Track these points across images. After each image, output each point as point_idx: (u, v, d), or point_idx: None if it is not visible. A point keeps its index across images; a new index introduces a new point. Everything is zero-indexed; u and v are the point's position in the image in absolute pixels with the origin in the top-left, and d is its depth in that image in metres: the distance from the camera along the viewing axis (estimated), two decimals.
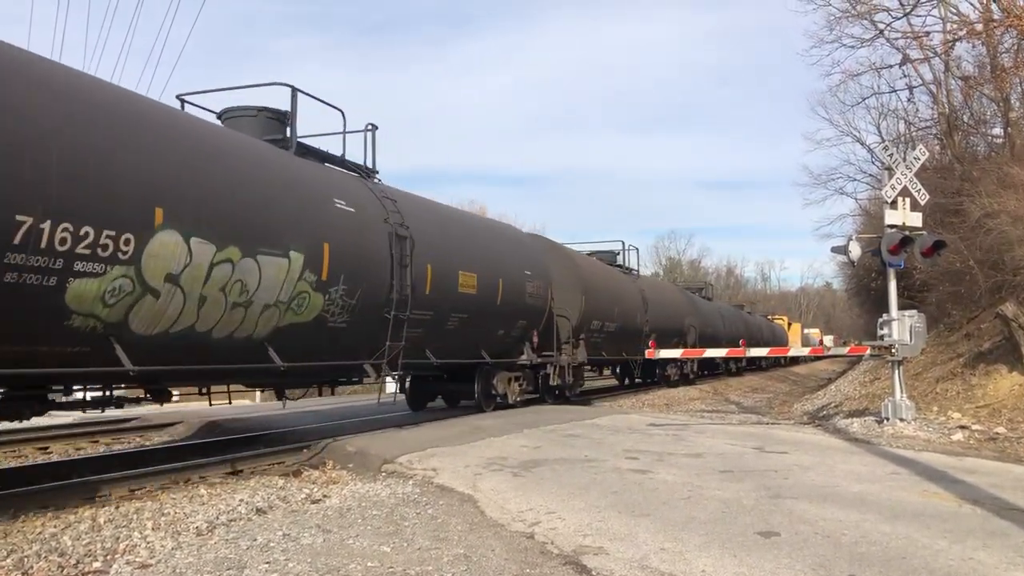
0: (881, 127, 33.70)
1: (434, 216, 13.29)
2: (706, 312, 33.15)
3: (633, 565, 5.07)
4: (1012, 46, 20.47)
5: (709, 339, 30.40)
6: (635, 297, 23.42)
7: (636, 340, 22.71)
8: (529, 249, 16.86)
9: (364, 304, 10.47)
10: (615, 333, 21.24)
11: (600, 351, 20.58)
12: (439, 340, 12.76)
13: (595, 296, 19.61)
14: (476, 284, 13.49)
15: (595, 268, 21.73)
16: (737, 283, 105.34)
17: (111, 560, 5.37)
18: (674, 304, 28.23)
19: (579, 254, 23.87)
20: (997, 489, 7.34)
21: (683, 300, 30.04)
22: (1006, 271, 15.05)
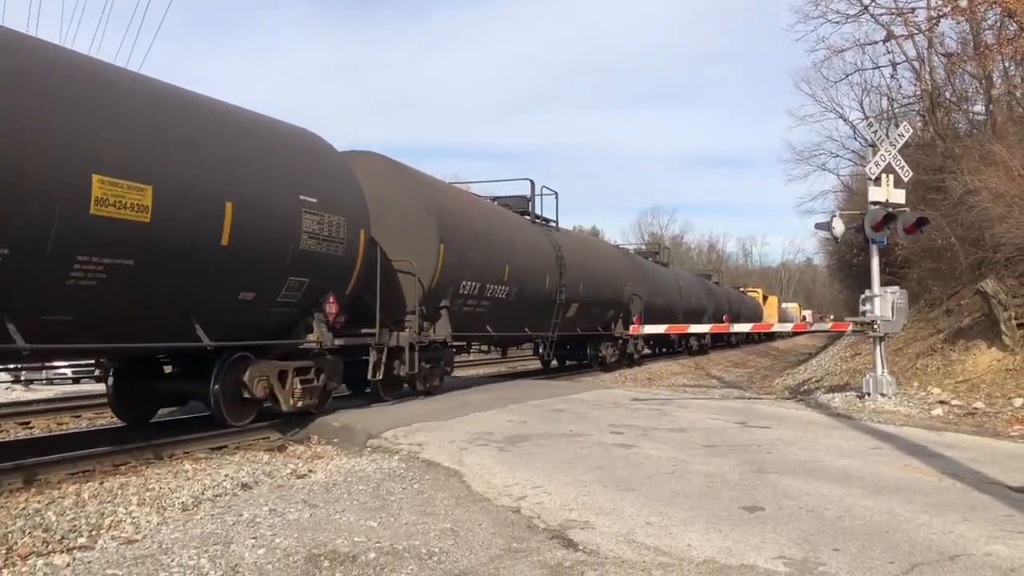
0: (864, 103, 33.73)
1: None
2: (657, 279, 27.49)
3: (619, 539, 5.10)
4: (995, 23, 20.54)
5: (661, 312, 25.43)
6: (546, 255, 17.29)
7: (546, 311, 17.55)
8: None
9: None
10: (510, 301, 15.38)
11: (482, 324, 14.89)
12: None
13: (466, 246, 13.56)
14: None
15: (466, 205, 15.09)
16: (719, 258, 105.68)
17: (96, 536, 5.35)
18: (606, 266, 21.87)
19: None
20: (976, 463, 7.43)
21: (622, 263, 23.64)
22: (987, 248, 15.17)
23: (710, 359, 31.90)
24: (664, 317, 24.97)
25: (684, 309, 29.69)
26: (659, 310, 25.71)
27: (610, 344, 22.73)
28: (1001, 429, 9.99)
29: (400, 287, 12.24)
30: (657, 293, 26.42)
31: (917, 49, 26.13)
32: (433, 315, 12.86)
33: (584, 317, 20.08)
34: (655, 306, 25.43)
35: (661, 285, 27.85)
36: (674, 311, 28.14)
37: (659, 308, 25.88)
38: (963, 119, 25.96)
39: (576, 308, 19.04)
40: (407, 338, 11.96)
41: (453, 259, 12.93)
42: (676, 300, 29.24)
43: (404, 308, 12.21)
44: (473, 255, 13.79)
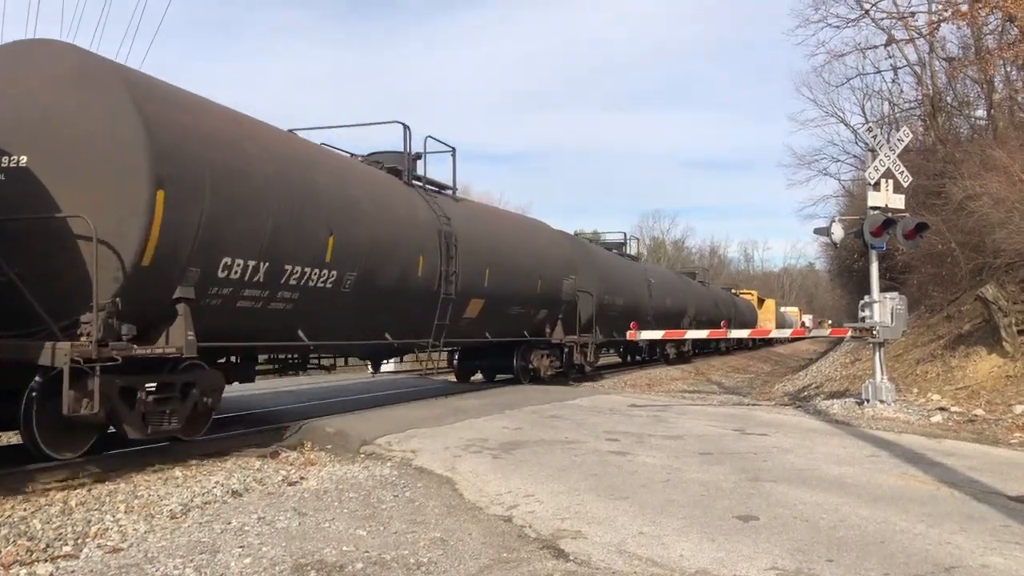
0: (865, 108, 33.77)
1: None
2: (616, 273, 23.02)
3: (611, 549, 5.04)
4: (996, 28, 20.49)
5: (621, 314, 21.63)
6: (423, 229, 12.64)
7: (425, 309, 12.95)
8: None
9: None
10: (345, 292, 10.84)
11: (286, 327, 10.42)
12: None
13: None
14: None
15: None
16: (720, 263, 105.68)
17: (82, 544, 5.29)
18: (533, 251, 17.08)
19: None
20: (975, 472, 7.36)
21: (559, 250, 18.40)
22: (987, 254, 15.09)
23: (710, 364, 31.78)
24: (624, 320, 20.81)
25: (656, 311, 25.86)
26: (618, 311, 21.77)
27: (545, 353, 17.84)
28: (1001, 436, 9.91)
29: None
30: (616, 291, 22.04)
31: (918, 53, 26.16)
32: (159, 312, 7.81)
33: (496, 318, 15.04)
34: (613, 305, 21.43)
35: (621, 281, 23.11)
36: (641, 313, 24.02)
37: (618, 308, 21.89)
38: (964, 124, 25.95)
39: (481, 306, 14.24)
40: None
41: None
42: (645, 300, 25.19)
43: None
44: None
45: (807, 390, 18.50)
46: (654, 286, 26.71)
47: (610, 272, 22.33)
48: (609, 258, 23.84)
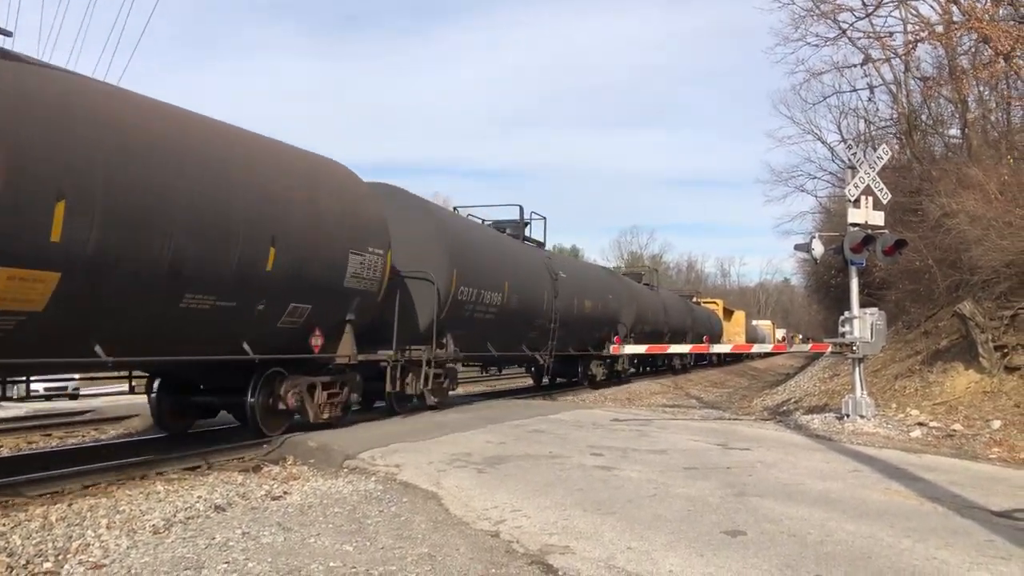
0: (842, 126, 34.09)
1: None
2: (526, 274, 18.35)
3: (600, 565, 5.02)
4: (970, 48, 20.78)
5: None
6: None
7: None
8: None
9: None
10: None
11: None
12: None
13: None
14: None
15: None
16: (697, 278, 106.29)
17: (63, 560, 5.20)
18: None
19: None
20: (956, 487, 7.42)
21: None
22: (964, 270, 15.26)
23: (689, 379, 31.88)
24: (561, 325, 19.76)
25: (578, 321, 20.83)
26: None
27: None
28: (980, 451, 10.00)
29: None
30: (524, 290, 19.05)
31: (894, 73, 26.45)
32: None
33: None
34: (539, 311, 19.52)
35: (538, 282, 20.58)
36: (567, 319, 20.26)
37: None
38: (939, 142, 26.25)
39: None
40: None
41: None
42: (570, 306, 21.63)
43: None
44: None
45: (786, 405, 18.58)
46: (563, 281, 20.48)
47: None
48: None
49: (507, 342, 16.99)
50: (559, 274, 19.48)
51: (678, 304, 35.54)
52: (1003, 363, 12.68)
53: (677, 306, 34.83)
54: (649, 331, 27.52)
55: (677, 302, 35.81)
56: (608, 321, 23.72)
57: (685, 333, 33.53)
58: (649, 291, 30.38)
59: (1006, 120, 21.58)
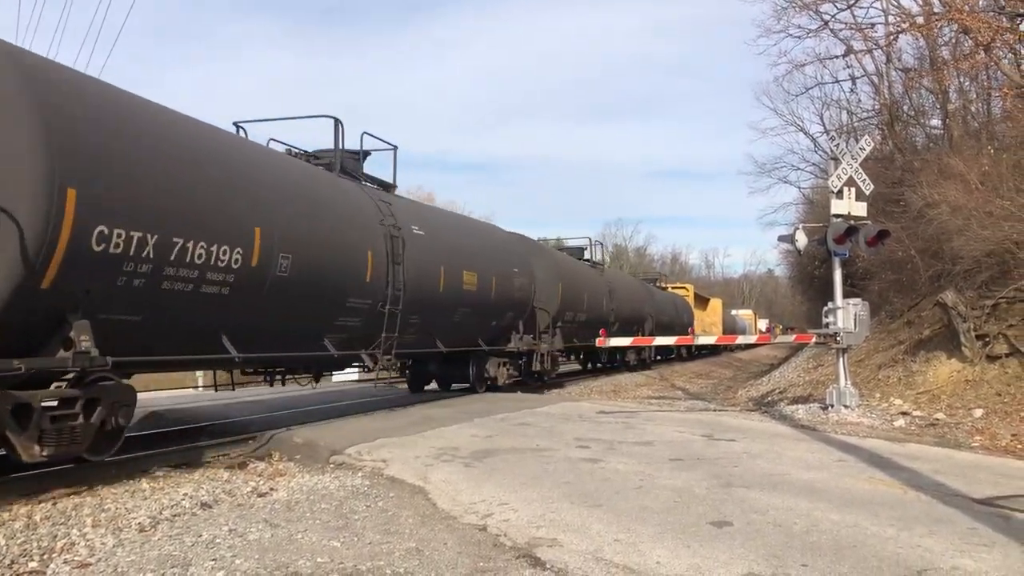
0: (824, 117, 34.32)
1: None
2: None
3: (587, 557, 5.03)
4: (951, 40, 20.92)
5: None
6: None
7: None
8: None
9: None
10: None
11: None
12: None
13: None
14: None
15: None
16: (682, 270, 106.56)
17: (48, 560, 5.17)
18: None
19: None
20: (940, 476, 7.48)
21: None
22: (946, 260, 15.38)
23: (674, 370, 31.97)
24: None
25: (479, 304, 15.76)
26: None
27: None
28: (962, 440, 10.09)
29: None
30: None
31: (876, 64, 26.65)
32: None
33: None
34: None
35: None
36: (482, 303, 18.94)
37: None
38: (921, 133, 26.46)
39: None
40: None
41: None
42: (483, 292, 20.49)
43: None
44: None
45: (771, 395, 18.67)
46: None
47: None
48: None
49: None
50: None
51: (632, 288, 29.67)
52: (985, 352, 12.81)
53: (631, 290, 28.90)
54: (585, 320, 22.23)
55: (631, 285, 30.11)
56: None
57: (642, 322, 29.13)
58: (591, 270, 25.24)
59: (986, 111, 21.76)
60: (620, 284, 28.02)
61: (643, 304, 29.94)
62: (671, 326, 33.04)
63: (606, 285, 25.38)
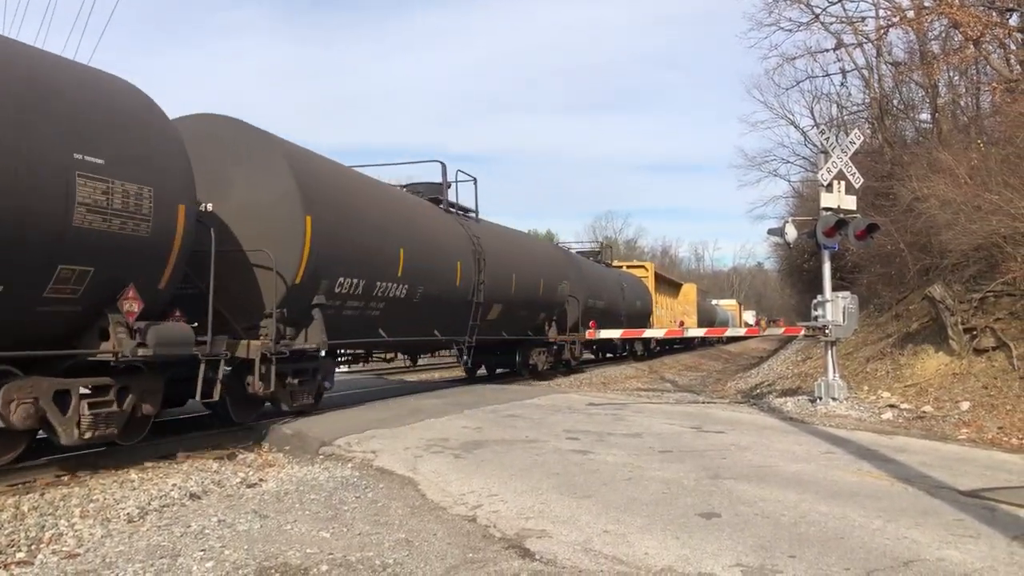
0: (814, 110, 34.36)
1: None
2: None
3: (576, 548, 5.05)
4: (941, 34, 20.97)
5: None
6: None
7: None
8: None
9: None
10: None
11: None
12: None
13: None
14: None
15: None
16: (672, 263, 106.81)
17: (36, 550, 5.16)
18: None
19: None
20: (927, 468, 7.53)
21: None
22: (934, 254, 15.45)
23: (664, 362, 32.07)
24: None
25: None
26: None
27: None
28: (949, 432, 10.16)
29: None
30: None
31: (866, 58, 26.67)
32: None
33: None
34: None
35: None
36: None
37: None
38: (910, 127, 26.52)
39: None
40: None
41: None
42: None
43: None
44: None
45: (760, 388, 18.75)
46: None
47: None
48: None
49: None
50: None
51: (555, 261, 21.35)
52: (972, 345, 12.87)
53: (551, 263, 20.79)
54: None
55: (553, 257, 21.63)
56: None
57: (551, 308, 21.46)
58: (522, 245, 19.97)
59: (975, 105, 21.82)
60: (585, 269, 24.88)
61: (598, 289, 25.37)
62: (610, 313, 25.78)
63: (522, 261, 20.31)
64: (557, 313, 20.74)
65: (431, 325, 14.48)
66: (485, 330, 16.34)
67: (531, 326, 19.56)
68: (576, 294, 21.85)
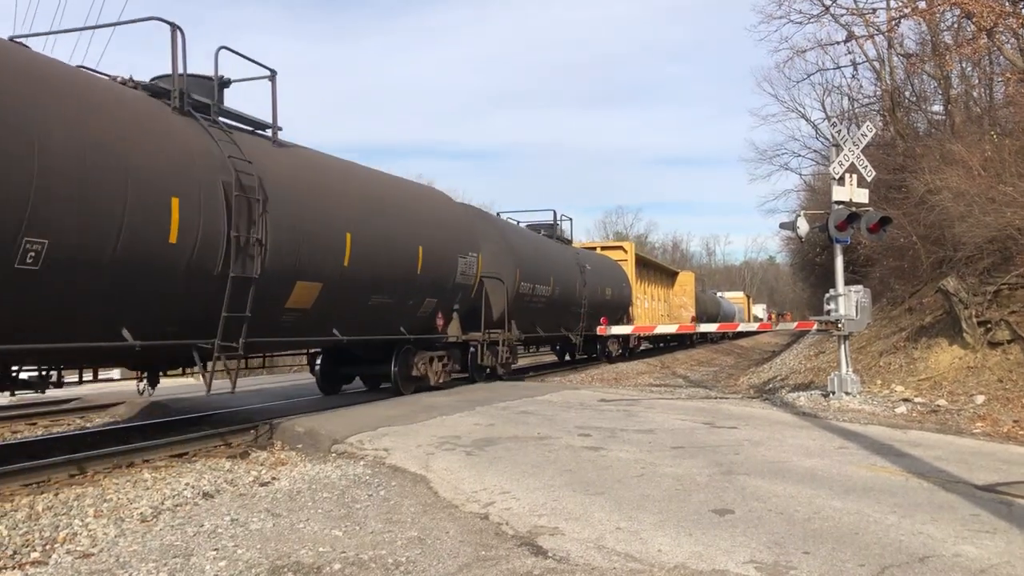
0: (825, 103, 34.22)
1: None
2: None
3: (589, 546, 5.03)
4: (953, 24, 20.82)
5: None
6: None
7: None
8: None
9: None
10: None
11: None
12: None
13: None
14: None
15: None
16: (683, 257, 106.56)
17: (50, 550, 5.18)
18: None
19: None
20: (941, 462, 7.48)
21: None
22: (947, 247, 15.35)
23: (676, 358, 31.97)
24: None
25: None
26: None
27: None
28: (964, 426, 10.09)
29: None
30: None
31: (877, 50, 26.52)
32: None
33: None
34: None
35: None
36: None
37: None
38: (923, 119, 26.36)
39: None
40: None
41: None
42: None
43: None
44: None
45: (772, 382, 18.69)
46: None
47: None
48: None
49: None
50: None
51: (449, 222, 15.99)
52: (986, 338, 12.79)
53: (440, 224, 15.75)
54: None
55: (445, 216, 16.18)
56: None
57: None
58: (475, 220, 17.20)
59: (988, 96, 21.68)
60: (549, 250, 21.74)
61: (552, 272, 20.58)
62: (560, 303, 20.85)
63: None
64: (460, 300, 15.04)
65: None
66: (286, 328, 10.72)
67: (406, 319, 13.48)
68: (501, 274, 16.65)
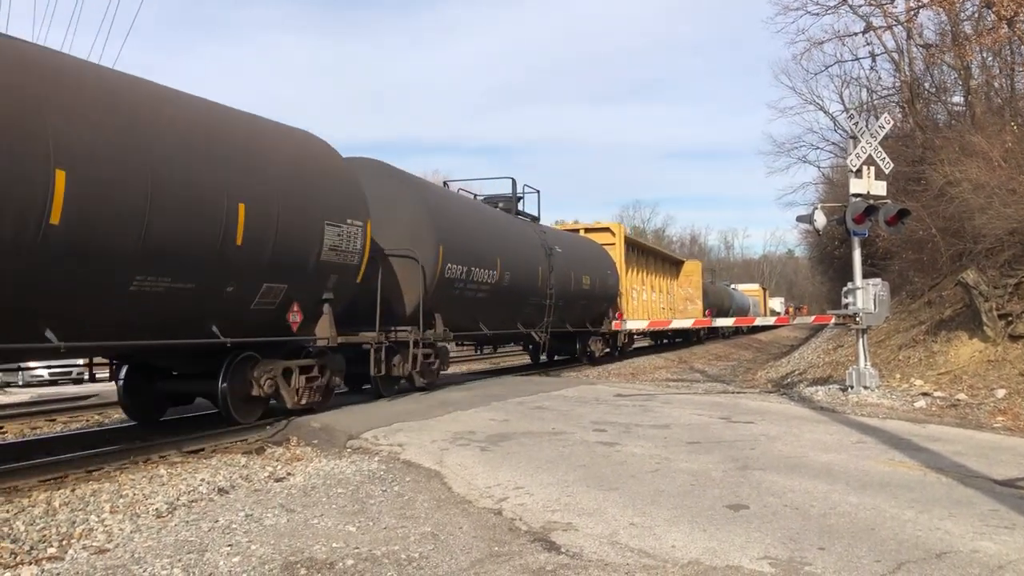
0: (844, 95, 33.89)
1: None
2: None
3: (603, 541, 5.01)
4: (973, 14, 20.58)
5: None
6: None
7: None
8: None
9: None
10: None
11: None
12: None
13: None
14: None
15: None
16: (701, 251, 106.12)
17: (67, 545, 5.21)
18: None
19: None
20: (960, 457, 7.40)
21: None
22: (967, 239, 15.17)
23: (694, 352, 31.84)
24: None
25: None
26: None
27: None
28: (984, 421, 9.99)
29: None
30: None
31: (896, 40, 26.22)
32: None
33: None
34: None
35: None
36: None
37: None
38: (942, 110, 26.04)
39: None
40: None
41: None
42: None
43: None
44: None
45: (790, 377, 18.58)
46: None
47: None
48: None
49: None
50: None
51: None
52: (1007, 332, 12.65)
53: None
54: None
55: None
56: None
57: None
58: None
59: (1010, 86, 21.40)
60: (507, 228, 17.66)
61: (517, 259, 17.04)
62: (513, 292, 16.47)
63: None
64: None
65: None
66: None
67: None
68: (414, 252, 12.57)
